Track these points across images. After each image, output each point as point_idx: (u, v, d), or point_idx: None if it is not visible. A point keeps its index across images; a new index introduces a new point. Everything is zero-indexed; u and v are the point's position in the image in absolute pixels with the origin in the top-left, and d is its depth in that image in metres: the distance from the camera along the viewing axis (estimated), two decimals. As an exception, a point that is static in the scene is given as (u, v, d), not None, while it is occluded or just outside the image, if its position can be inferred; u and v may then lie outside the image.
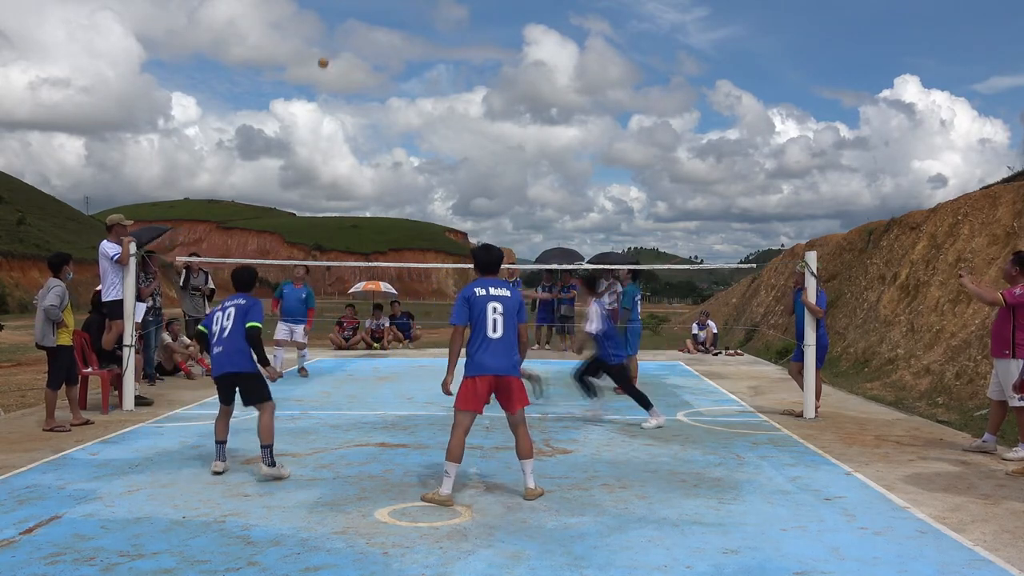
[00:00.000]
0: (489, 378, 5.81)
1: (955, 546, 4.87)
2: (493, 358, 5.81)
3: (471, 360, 5.85)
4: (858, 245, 18.73)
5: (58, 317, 8.13)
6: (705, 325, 18.19)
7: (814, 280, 9.34)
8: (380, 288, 22.30)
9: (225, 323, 6.43)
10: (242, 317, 6.42)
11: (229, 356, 6.38)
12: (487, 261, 6.12)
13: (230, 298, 6.63)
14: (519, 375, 5.97)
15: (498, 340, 5.83)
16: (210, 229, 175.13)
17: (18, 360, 16.46)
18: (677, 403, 10.50)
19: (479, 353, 5.81)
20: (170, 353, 12.42)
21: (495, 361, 5.81)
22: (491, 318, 5.83)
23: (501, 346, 5.84)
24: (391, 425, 8.64)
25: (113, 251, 9.42)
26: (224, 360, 6.40)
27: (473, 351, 5.84)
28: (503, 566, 4.43)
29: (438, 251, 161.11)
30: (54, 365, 8.25)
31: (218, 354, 6.41)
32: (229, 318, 6.43)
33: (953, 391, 10.70)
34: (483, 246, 6.32)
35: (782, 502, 5.78)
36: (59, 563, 4.41)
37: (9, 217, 68.48)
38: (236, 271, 6.88)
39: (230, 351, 6.37)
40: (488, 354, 5.81)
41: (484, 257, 6.13)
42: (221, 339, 6.41)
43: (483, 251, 6.18)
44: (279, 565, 4.42)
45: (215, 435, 6.53)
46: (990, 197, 14.17)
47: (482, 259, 6.12)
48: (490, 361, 5.81)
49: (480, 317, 5.82)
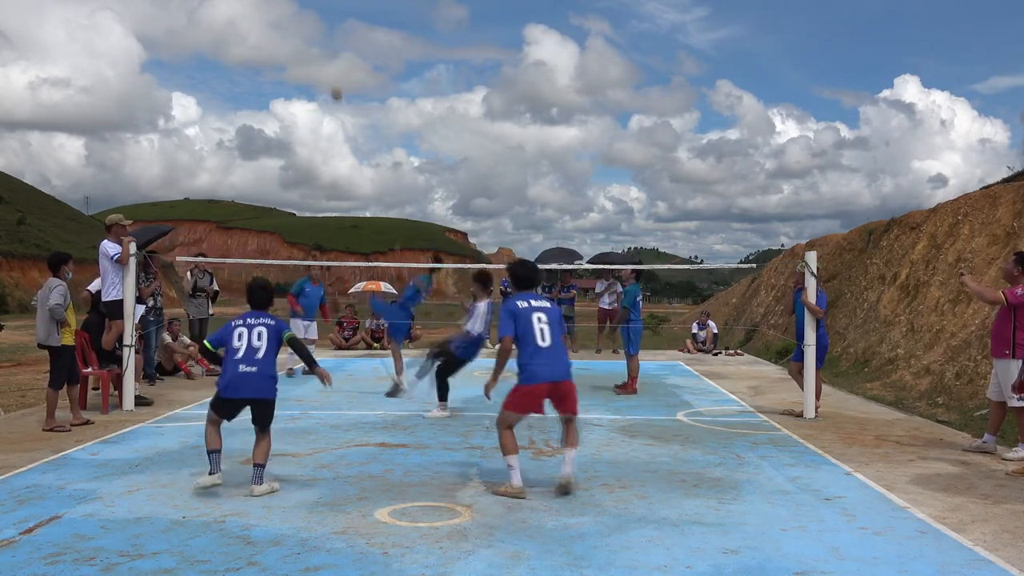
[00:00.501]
0: (546, 385, 6.00)
1: (955, 546, 4.87)
2: (546, 367, 6.00)
3: (525, 370, 6.00)
4: (858, 245, 18.73)
5: (63, 316, 8.14)
6: (705, 325, 18.21)
7: (814, 280, 9.34)
8: (380, 288, 22.31)
9: (256, 343, 5.96)
10: (276, 338, 6.04)
11: (260, 381, 5.94)
12: (525, 276, 6.43)
13: (254, 315, 6.13)
14: (572, 379, 6.16)
15: (548, 349, 6.03)
16: (210, 229, 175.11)
17: (18, 360, 16.46)
18: (677, 403, 10.50)
19: (532, 364, 5.98)
20: (170, 353, 12.42)
21: (549, 369, 6.00)
22: (537, 328, 6.03)
23: (552, 354, 6.04)
24: (391, 425, 8.64)
25: (114, 251, 9.43)
26: (253, 383, 5.93)
27: (525, 362, 6.01)
28: (503, 566, 4.43)
29: (438, 251, 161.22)
30: (56, 365, 8.25)
31: (247, 374, 5.91)
32: (261, 338, 5.97)
33: (953, 391, 10.70)
34: (521, 262, 6.61)
35: (782, 502, 5.78)
36: (59, 563, 4.41)
37: (9, 217, 68.49)
38: (254, 287, 6.31)
39: (263, 376, 5.95)
40: (541, 363, 5.99)
41: (522, 272, 6.44)
42: (253, 359, 5.93)
43: (521, 267, 6.51)
44: (279, 565, 4.42)
45: (207, 444, 5.94)
46: (990, 197, 14.17)
47: (520, 275, 6.42)
48: (544, 370, 5.99)
49: (527, 329, 6.02)
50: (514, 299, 6.21)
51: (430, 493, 5.92)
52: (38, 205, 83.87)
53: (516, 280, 6.42)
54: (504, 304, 6.23)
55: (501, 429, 6.00)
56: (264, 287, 6.37)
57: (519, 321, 6.04)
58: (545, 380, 5.97)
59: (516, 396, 6.01)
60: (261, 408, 6.03)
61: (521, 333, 6.01)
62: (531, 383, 5.97)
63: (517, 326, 6.02)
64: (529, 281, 6.42)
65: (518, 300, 6.16)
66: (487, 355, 8.96)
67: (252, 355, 5.96)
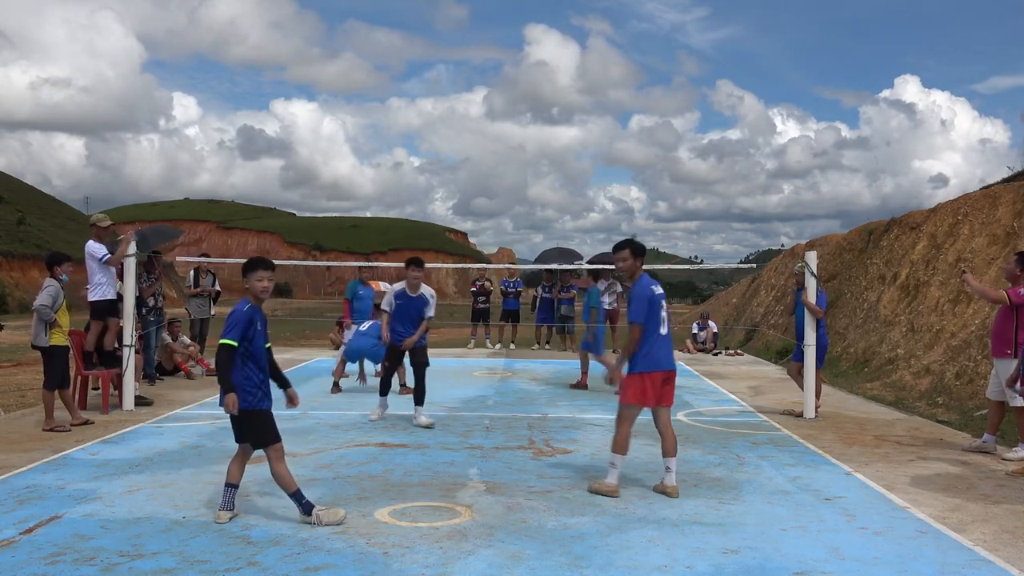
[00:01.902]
0: (664, 373, 6.02)
1: (955, 546, 4.87)
2: (667, 354, 6.06)
3: (645, 357, 5.96)
4: (858, 245, 18.72)
5: (50, 317, 8.10)
6: (705, 326, 18.25)
7: (814, 280, 9.34)
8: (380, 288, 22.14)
9: None
10: None
11: None
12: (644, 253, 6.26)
13: None
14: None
15: (667, 336, 6.09)
16: (210, 229, 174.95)
17: (18, 360, 16.45)
18: (677, 403, 10.43)
19: (655, 349, 5.98)
20: (170, 353, 12.42)
21: (668, 357, 6.07)
22: (663, 315, 6.05)
23: (669, 342, 6.14)
24: (391, 425, 8.64)
25: (100, 252, 9.35)
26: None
27: (648, 348, 5.96)
28: (503, 566, 4.43)
29: (438, 251, 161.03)
30: (48, 365, 8.24)
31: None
32: None
33: (953, 391, 10.70)
34: (633, 240, 6.29)
35: (782, 502, 5.78)
36: (59, 563, 4.41)
37: (9, 217, 68.44)
38: None
39: None
40: (663, 350, 6.02)
41: (643, 250, 6.24)
42: None
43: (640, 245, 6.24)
44: (279, 565, 4.42)
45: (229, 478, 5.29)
46: (990, 197, 14.16)
47: (642, 251, 6.21)
48: (665, 357, 6.03)
49: (656, 315, 5.99)
50: (648, 283, 6.03)
51: (430, 493, 5.92)
52: (38, 205, 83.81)
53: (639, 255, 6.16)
54: (639, 289, 6.00)
55: (622, 425, 5.98)
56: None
57: (652, 307, 5.95)
58: (665, 367, 6.02)
59: (634, 386, 5.95)
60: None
61: (649, 319, 5.93)
62: (651, 370, 5.96)
63: (649, 312, 5.94)
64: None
65: (652, 285, 6.02)
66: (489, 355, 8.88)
67: None
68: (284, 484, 5.19)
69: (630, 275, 6.19)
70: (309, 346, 18.81)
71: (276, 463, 5.19)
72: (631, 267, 6.13)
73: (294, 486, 5.18)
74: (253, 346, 5.20)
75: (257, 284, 5.23)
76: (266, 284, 5.26)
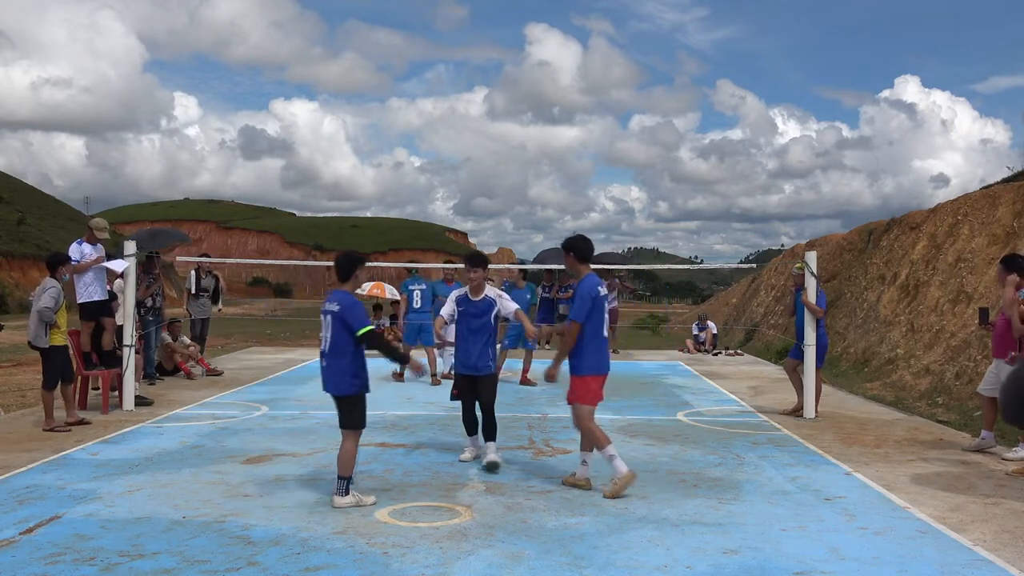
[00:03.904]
0: (605, 376, 6.03)
1: (955, 546, 4.87)
2: (608, 356, 6.04)
3: (593, 360, 5.91)
4: (858, 245, 18.72)
5: (51, 319, 8.12)
6: (705, 326, 18.33)
7: (814, 280, 9.34)
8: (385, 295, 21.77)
9: (324, 332, 5.62)
10: (342, 325, 5.52)
11: (330, 374, 5.61)
12: (591, 251, 6.11)
13: (330, 298, 5.66)
14: None
15: (607, 339, 6.05)
16: (210, 229, 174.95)
17: (18, 360, 16.45)
18: (677, 403, 10.50)
19: (601, 353, 5.96)
20: (170, 353, 12.42)
21: (608, 359, 6.05)
22: (605, 317, 5.97)
23: (608, 344, 6.09)
24: (391, 425, 8.64)
25: (75, 254, 9.26)
26: (325, 377, 5.64)
27: (594, 351, 5.91)
28: (503, 566, 4.43)
29: (438, 251, 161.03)
30: (47, 365, 8.25)
31: (322, 368, 5.66)
32: (328, 327, 5.58)
33: (953, 391, 10.70)
34: (583, 237, 6.10)
35: (782, 502, 5.78)
36: (59, 563, 4.41)
37: (9, 217, 68.44)
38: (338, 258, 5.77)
39: (331, 369, 5.60)
40: (606, 353, 6.01)
41: (589, 248, 6.08)
42: (323, 352, 5.63)
43: (585, 241, 6.07)
44: (279, 565, 4.42)
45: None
46: (990, 197, 14.16)
47: (588, 250, 6.06)
48: (607, 360, 6.03)
49: (599, 316, 5.91)
50: (594, 283, 5.90)
51: (430, 493, 5.92)
52: (38, 205, 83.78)
53: (583, 256, 6.01)
54: (585, 288, 5.86)
55: (590, 424, 5.95)
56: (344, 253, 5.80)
57: (596, 308, 5.86)
58: (607, 371, 6.03)
59: (585, 388, 5.93)
60: (337, 405, 5.66)
61: (593, 320, 5.86)
62: (599, 373, 5.96)
63: (592, 313, 5.84)
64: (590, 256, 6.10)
65: (598, 285, 5.91)
66: None
67: (323, 346, 5.65)
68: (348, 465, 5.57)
69: (574, 274, 6.13)
70: (309, 346, 18.81)
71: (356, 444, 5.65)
72: (573, 267, 6.07)
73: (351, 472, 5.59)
74: None
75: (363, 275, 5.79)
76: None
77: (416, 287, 12.69)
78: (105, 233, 9.84)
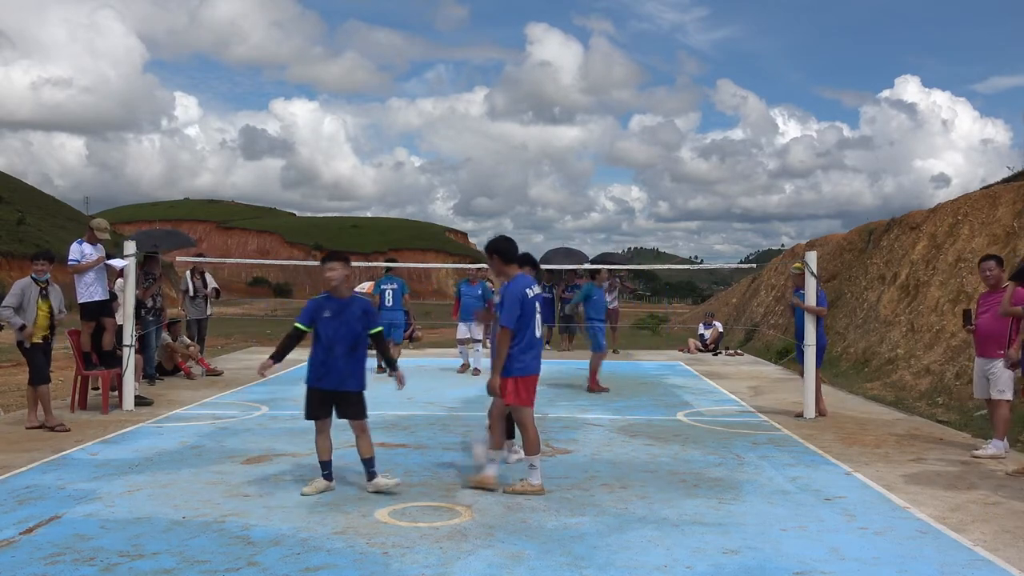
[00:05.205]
0: (537, 377, 6.00)
1: (955, 546, 4.87)
2: (538, 359, 5.99)
3: (521, 361, 5.86)
4: (858, 245, 18.72)
5: (10, 318, 8.09)
6: (711, 325, 18.31)
7: (814, 280, 9.33)
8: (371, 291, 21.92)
9: (338, 331, 5.82)
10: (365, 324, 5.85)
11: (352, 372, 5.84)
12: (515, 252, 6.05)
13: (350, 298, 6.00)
14: None
15: (540, 339, 6.01)
16: (210, 229, 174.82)
17: (18, 360, 16.44)
18: (677, 403, 10.49)
19: (529, 354, 5.90)
20: (170, 353, 12.42)
21: (539, 362, 6.00)
22: (536, 318, 5.91)
23: (540, 346, 6.05)
24: (391, 425, 8.64)
25: (74, 254, 9.26)
26: (343, 376, 5.84)
27: (523, 352, 5.86)
28: (503, 566, 4.43)
29: (438, 251, 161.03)
30: (30, 363, 8.29)
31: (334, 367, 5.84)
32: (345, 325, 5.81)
33: (953, 391, 10.69)
34: (505, 238, 6.08)
35: (782, 502, 5.78)
36: (59, 563, 4.41)
37: (9, 217, 68.44)
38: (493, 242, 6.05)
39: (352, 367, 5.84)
40: (535, 355, 5.95)
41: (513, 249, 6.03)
42: (336, 351, 5.80)
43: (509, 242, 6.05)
44: (279, 565, 4.42)
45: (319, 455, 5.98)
46: (990, 197, 14.15)
47: (512, 251, 6.01)
48: (537, 362, 5.98)
49: (530, 317, 5.87)
50: (522, 285, 5.86)
51: (430, 493, 5.93)
52: (38, 205, 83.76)
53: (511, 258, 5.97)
54: (511, 290, 5.83)
55: (530, 425, 5.93)
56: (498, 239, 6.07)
57: (525, 309, 5.82)
58: (537, 372, 6.01)
59: (519, 389, 5.90)
60: (348, 401, 5.88)
61: (524, 322, 5.83)
62: (529, 374, 5.93)
63: (523, 314, 5.81)
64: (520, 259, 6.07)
65: (526, 287, 5.87)
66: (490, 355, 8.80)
67: (337, 345, 5.86)
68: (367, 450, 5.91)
69: (499, 274, 6.10)
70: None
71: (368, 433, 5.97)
72: (499, 270, 6.02)
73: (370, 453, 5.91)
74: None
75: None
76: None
77: (388, 286, 12.91)
78: (106, 234, 9.84)
